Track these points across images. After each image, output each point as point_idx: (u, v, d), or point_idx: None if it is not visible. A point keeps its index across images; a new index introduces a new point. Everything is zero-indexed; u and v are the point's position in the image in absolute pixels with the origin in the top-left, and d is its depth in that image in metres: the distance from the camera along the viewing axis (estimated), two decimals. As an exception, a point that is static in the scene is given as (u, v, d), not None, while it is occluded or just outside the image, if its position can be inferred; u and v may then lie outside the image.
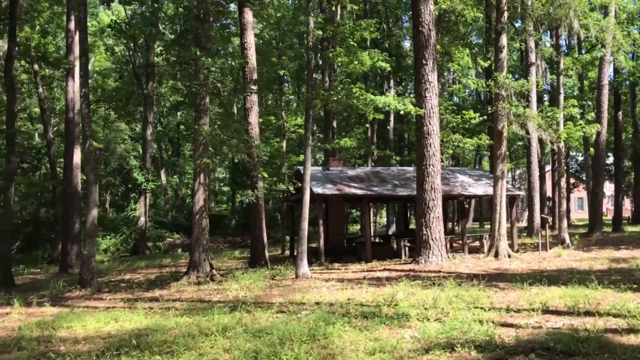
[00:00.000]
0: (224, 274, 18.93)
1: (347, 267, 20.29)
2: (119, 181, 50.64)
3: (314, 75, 21.26)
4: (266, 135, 35.26)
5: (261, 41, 38.73)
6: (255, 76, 22.19)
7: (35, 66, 35.24)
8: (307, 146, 17.15)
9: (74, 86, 26.12)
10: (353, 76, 35.64)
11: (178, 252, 38.16)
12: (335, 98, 17.40)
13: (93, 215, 17.49)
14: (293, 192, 20.14)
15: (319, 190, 22.54)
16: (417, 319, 10.03)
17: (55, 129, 39.85)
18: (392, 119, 41.25)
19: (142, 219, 41.25)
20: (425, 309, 10.93)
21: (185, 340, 9.22)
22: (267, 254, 21.97)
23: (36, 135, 48.14)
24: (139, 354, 8.55)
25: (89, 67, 49.23)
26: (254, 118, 22.20)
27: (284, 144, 33.77)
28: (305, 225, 16.90)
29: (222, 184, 66.37)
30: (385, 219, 52.20)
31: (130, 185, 44.65)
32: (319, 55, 18.47)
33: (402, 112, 18.92)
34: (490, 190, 24.17)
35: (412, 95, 21.55)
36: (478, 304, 11.22)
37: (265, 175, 16.72)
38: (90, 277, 17.50)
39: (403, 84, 45.83)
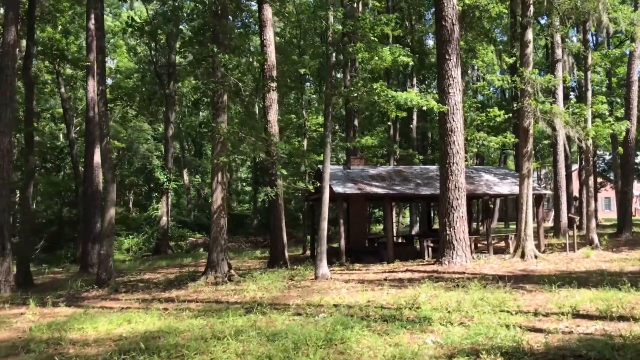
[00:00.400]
0: (243, 274, 18.61)
1: (368, 268, 19.85)
2: (142, 181, 50.77)
3: (334, 74, 20.89)
4: (287, 134, 34.98)
5: (283, 40, 38.51)
6: (274, 74, 21.85)
7: (58, 66, 35.33)
8: (327, 144, 16.74)
9: (94, 85, 25.96)
10: (375, 74, 35.22)
11: (200, 252, 38.01)
12: (356, 94, 16.96)
13: (111, 215, 17.27)
14: (313, 191, 19.72)
15: (339, 189, 22.13)
16: (440, 323, 9.57)
17: (77, 128, 39.95)
18: (415, 117, 40.67)
19: (164, 218, 41.20)
20: (449, 312, 10.46)
21: (197, 343, 8.88)
22: (286, 254, 21.60)
23: (61, 135, 48.41)
24: (147, 359, 8.22)
25: (112, 67, 49.54)
26: (273, 116, 21.84)
27: (305, 142, 33.40)
28: (324, 225, 16.51)
29: (244, 184, 66.28)
30: (408, 219, 51.61)
31: (152, 185, 44.65)
32: (339, 51, 17.94)
33: (425, 109, 18.44)
34: (515, 189, 23.57)
35: (435, 92, 21.02)
36: (504, 307, 10.72)
37: (284, 172, 16.32)
38: (108, 277, 17.29)
39: (426, 82, 45.18)
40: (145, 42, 42.78)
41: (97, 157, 30.65)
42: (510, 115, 31.01)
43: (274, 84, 20.47)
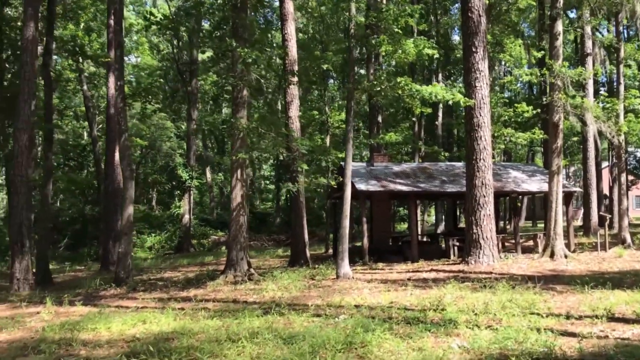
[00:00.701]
0: (263, 273, 18.21)
1: (392, 267, 19.35)
2: (165, 179, 50.77)
3: (357, 69, 20.37)
4: (309, 131, 34.51)
5: (306, 36, 38.06)
6: (296, 69, 21.44)
7: (79, 63, 35.32)
8: (349, 140, 16.26)
9: (115, 82, 25.84)
10: (399, 70, 34.61)
11: (221, 250, 37.75)
12: (379, 89, 16.44)
13: (129, 212, 16.98)
14: (335, 187, 19.19)
15: (362, 186, 21.65)
16: (466, 326, 9.05)
17: (100, 126, 39.89)
18: (440, 113, 39.95)
19: (187, 216, 41.08)
20: (476, 314, 9.94)
21: (211, 346, 8.48)
22: (308, 253, 21.17)
23: (85, 133, 48.55)
24: (157, 362, 7.85)
25: (135, 63, 49.56)
26: (294, 112, 21.43)
27: (328, 139, 32.88)
28: (346, 223, 16.02)
29: (267, 182, 66.04)
30: (433, 218, 50.86)
31: (174, 183, 44.55)
32: (361, 44, 17.44)
33: (450, 104, 17.94)
34: (544, 187, 22.88)
35: (461, 87, 20.44)
36: (534, 310, 10.16)
37: (305, 167, 15.84)
38: (127, 276, 17.01)
39: (452, 78, 44.41)
40: (167, 39, 42.69)
41: (117, 155, 30.54)
42: (539, 110, 30.20)
43: (295, 79, 20.03)
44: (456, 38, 44.71)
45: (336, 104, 38.95)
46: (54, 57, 42.44)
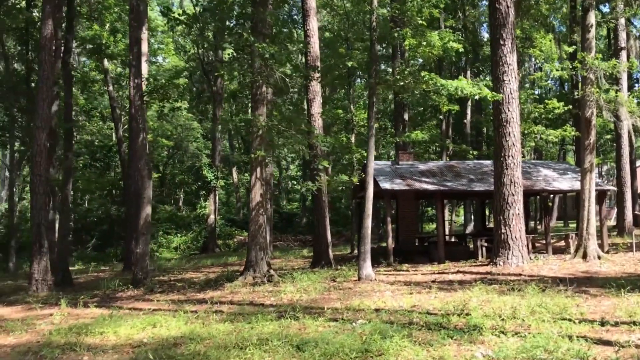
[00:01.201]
0: (284, 274, 17.73)
1: (417, 269, 18.73)
2: (192, 179, 50.66)
3: (382, 66, 19.79)
4: (334, 130, 33.95)
5: (331, 35, 37.54)
6: (318, 65, 20.93)
7: (106, 64, 35.30)
8: (371, 137, 15.68)
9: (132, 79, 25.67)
10: (426, 67, 33.84)
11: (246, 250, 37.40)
12: (402, 83, 15.82)
13: (146, 213, 16.62)
14: (357, 183, 18.55)
15: (386, 185, 21.05)
16: (492, 333, 8.44)
17: (125, 127, 39.77)
18: (469, 111, 39.01)
19: (212, 216, 40.88)
20: (502, 320, 9.30)
21: (218, 352, 8.02)
22: (331, 254, 20.63)
23: (113, 134, 48.62)
24: (158, 371, 7.40)
25: (161, 63, 49.52)
26: (316, 109, 20.91)
27: (353, 138, 32.30)
28: (368, 223, 15.45)
29: (294, 182, 65.67)
30: (462, 217, 49.88)
31: (200, 183, 44.37)
32: (384, 37, 16.85)
33: (478, 99, 17.27)
34: (576, 185, 22.03)
35: (488, 79, 19.75)
36: (566, 315, 9.49)
37: (326, 164, 15.28)
38: (144, 277, 16.65)
39: (481, 76, 43.45)
40: (193, 39, 42.51)
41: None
42: (570, 107, 29.25)
43: (317, 75, 19.53)
44: (485, 35, 43.77)
45: (361, 102, 38.33)
46: (82, 59, 42.82)
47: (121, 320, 10.99)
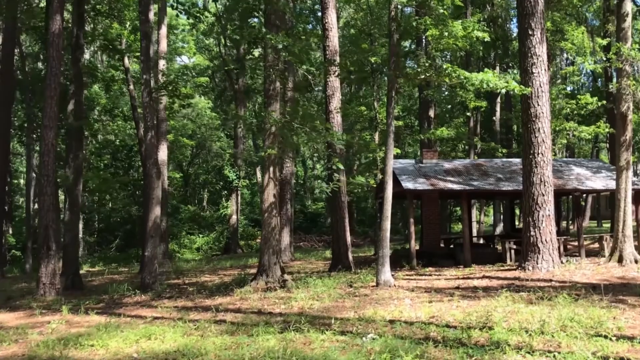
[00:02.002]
0: (300, 278, 16.87)
1: (441, 273, 17.73)
2: (215, 179, 50.16)
3: (406, 62, 18.82)
4: (358, 127, 33.04)
5: (355, 31, 36.59)
6: (337, 59, 20.04)
7: (126, 62, 34.82)
8: (390, 133, 14.73)
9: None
10: (453, 63, 32.66)
11: (268, 252, 36.62)
12: (423, 76, 14.84)
13: (155, 214, 15.88)
14: (374, 185, 17.63)
15: (409, 185, 20.08)
16: (517, 352, 7.48)
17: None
18: (498, 108, 37.61)
19: (234, 217, 40.29)
20: (529, 335, 8.32)
21: (208, 372, 7.18)
22: (350, 256, 19.71)
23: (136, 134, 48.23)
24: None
25: (186, 63, 49.02)
26: (335, 105, 20.02)
27: (377, 136, 31.34)
28: (386, 225, 14.51)
29: (318, 182, 64.80)
30: (492, 218, 48.43)
31: (222, 183, 43.76)
32: (403, 27, 15.84)
33: (506, 93, 16.20)
34: (611, 184, 20.79)
35: (516, 72, 18.67)
36: (601, 330, 8.47)
37: (340, 166, 14.36)
38: (153, 281, 15.90)
39: (509, 71, 42.02)
40: (215, 36, 41.94)
41: (161, 153, 29.81)
42: (604, 102, 27.87)
43: (336, 68, 18.63)
44: (515, 30, 42.31)
45: (385, 100, 37.26)
46: (103, 56, 42.49)
47: (116, 331, 10.24)
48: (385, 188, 14.67)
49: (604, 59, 20.45)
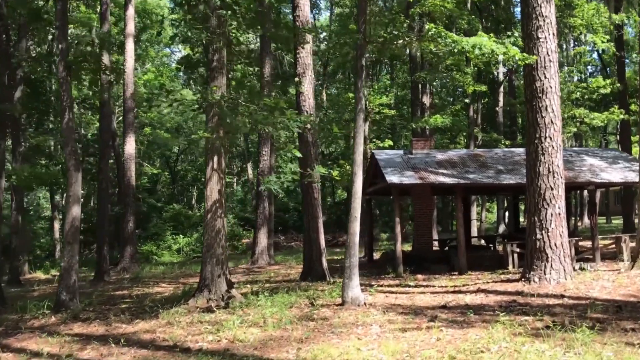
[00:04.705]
0: (259, 290, 13.94)
1: (430, 282, 14.81)
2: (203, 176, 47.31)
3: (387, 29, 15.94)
4: (346, 117, 30.06)
5: (343, 10, 33.74)
6: (310, 40, 17.10)
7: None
8: (359, 112, 11.73)
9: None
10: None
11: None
12: (401, 41, 11.86)
13: (73, 215, 12.85)
14: (337, 178, 14.49)
15: (394, 179, 17.15)
16: None
17: (120, 118, 36.31)
18: (501, 98, 34.34)
19: (217, 215, 37.28)
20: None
21: None
22: (325, 262, 16.72)
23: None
24: None
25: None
26: (307, 86, 17.06)
27: (367, 126, 28.38)
28: (354, 228, 11.52)
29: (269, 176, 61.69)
30: (497, 215, 45.22)
31: (204, 179, 41.00)
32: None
33: (512, 78, 13.25)
34: (631, 177, 17.89)
35: (517, 35, 15.78)
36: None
37: (297, 153, 11.42)
38: (70, 297, 12.85)
39: (509, 34, 38.34)
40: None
41: (128, 146, 26.99)
42: (619, 85, 24.81)
43: (308, 38, 15.69)
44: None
45: (375, 86, 34.24)
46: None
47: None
48: (353, 181, 11.66)
49: (625, 17, 17.34)
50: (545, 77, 13.01)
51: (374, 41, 11.97)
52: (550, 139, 12.96)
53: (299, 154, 11.91)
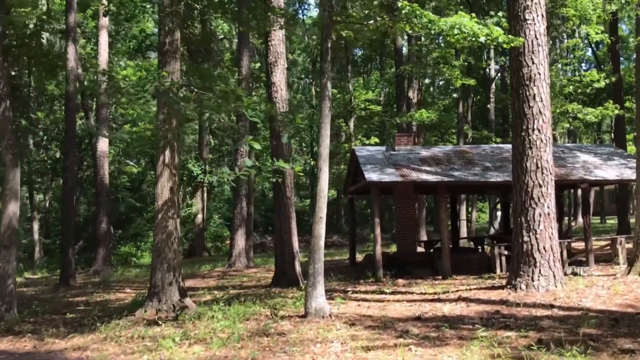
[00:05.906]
0: (223, 298, 12.72)
1: (409, 289, 13.61)
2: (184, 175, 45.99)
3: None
4: (333, 113, 28.80)
5: None
6: (282, 24, 15.82)
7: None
8: (325, 99, 10.47)
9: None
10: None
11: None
12: (372, 21, 10.63)
13: (9, 215, 11.54)
14: (300, 173, 13.17)
15: (373, 176, 15.99)
16: None
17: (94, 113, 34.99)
18: (492, 95, 33.16)
19: (200, 216, 36.27)
20: None
21: None
22: (297, 267, 15.45)
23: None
24: None
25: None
26: (279, 76, 15.82)
27: (352, 123, 27.12)
28: (319, 230, 10.25)
29: (222, 170, 60.17)
30: (489, 215, 44.00)
31: (184, 179, 39.64)
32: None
33: (504, 75, 12.00)
34: (627, 174, 16.74)
35: (501, 15, 14.61)
36: None
37: (257, 146, 10.21)
38: (7, 308, 11.58)
39: (493, 14, 36.85)
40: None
41: (101, 143, 25.77)
42: (613, 79, 23.63)
43: (281, 23, 14.43)
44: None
45: (361, 80, 33.02)
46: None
47: None
48: (319, 177, 10.42)
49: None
50: (533, 63, 11.77)
51: (341, 21, 10.71)
52: (539, 131, 11.73)
53: (258, 146, 10.65)
